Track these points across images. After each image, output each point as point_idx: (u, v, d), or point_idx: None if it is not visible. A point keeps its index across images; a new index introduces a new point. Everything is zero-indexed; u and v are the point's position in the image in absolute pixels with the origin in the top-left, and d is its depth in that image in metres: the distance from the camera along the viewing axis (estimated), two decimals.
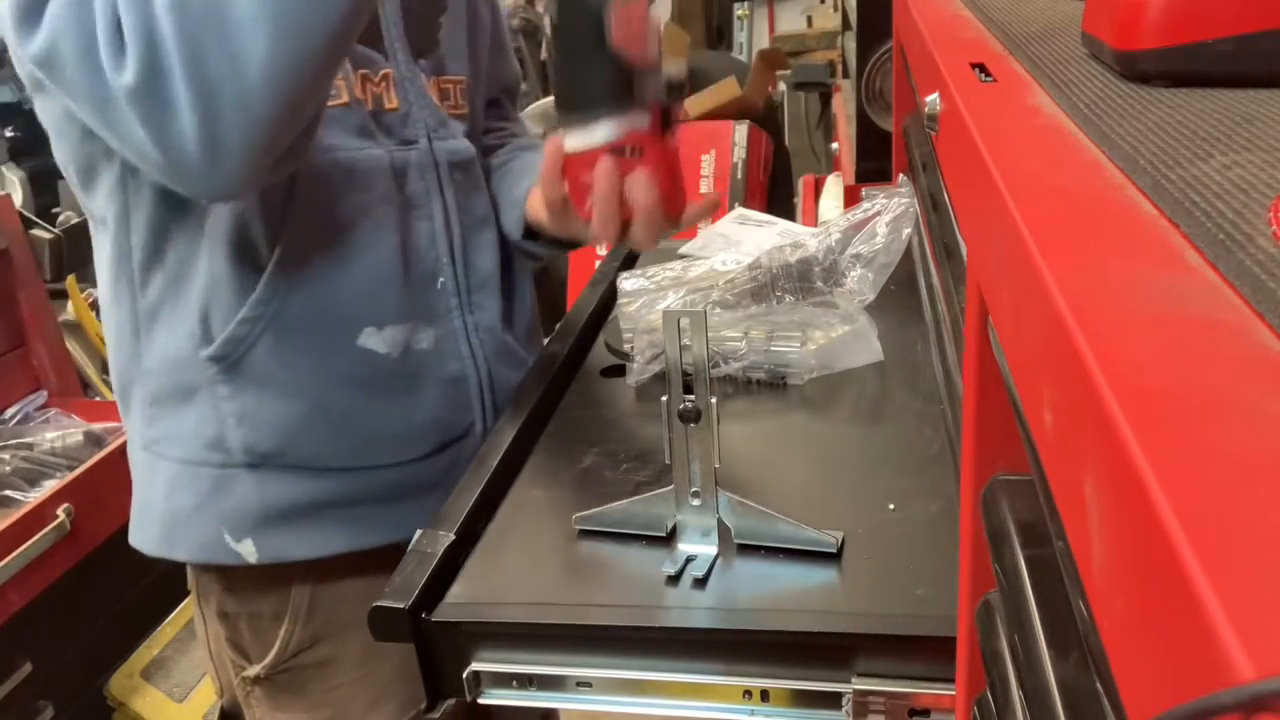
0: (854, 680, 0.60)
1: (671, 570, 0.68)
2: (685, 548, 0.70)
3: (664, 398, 0.67)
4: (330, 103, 0.83)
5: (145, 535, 0.92)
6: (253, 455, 0.87)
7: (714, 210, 0.91)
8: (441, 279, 0.93)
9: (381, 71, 0.89)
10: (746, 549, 0.70)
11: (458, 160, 0.95)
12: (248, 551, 0.88)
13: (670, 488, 0.70)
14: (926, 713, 0.59)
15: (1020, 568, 0.38)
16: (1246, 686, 0.15)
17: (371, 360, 0.88)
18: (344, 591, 0.92)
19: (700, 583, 0.67)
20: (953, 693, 0.56)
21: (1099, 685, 0.30)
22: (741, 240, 1.25)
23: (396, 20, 0.91)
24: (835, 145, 2.11)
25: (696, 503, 0.69)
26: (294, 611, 0.92)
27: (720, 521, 0.70)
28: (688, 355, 0.66)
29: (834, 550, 0.67)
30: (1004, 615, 0.41)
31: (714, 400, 0.67)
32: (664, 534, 0.71)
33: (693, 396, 0.67)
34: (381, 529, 0.91)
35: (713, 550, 0.69)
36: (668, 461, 0.69)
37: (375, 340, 0.88)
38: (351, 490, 0.90)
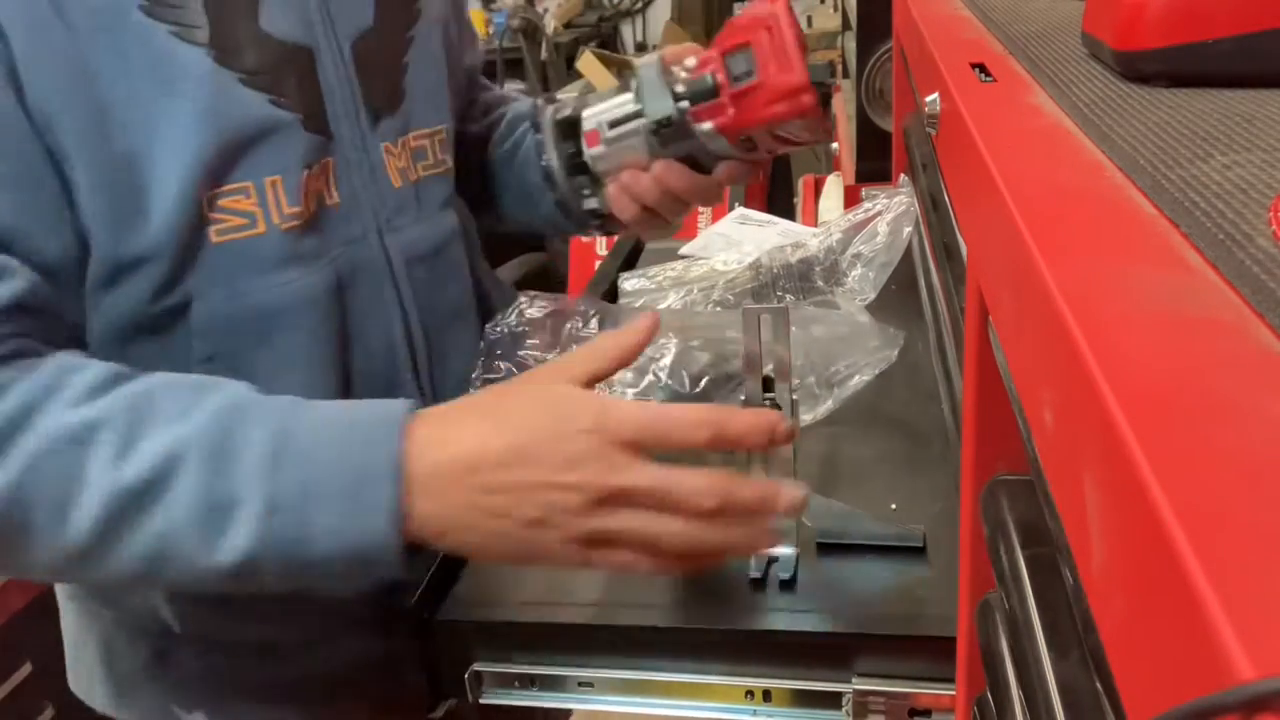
0: (854, 680, 0.60)
1: (756, 573, 0.66)
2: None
3: (741, 396, 0.66)
4: (239, 234, 0.66)
5: (91, 691, 0.82)
6: (189, 629, 0.74)
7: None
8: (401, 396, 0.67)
9: (320, 162, 0.70)
10: (825, 548, 0.68)
11: (416, 254, 0.77)
12: None
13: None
14: (927, 713, 0.59)
15: (1020, 568, 0.38)
16: (1246, 686, 0.15)
17: None
18: None
19: (788, 585, 0.65)
20: (953, 693, 0.56)
21: (1099, 685, 0.30)
22: (742, 240, 1.25)
23: (345, 83, 0.72)
24: (835, 145, 2.11)
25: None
26: None
27: (800, 521, 0.67)
28: (769, 353, 0.64)
29: (919, 545, 0.66)
30: (1004, 615, 0.41)
31: (795, 399, 0.66)
32: None
33: (773, 394, 0.65)
34: (354, 692, 0.79)
35: (793, 551, 0.67)
36: (744, 462, 0.66)
37: None
38: (312, 666, 0.77)
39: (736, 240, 1.26)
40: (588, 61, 2.93)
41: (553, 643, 0.66)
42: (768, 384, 0.65)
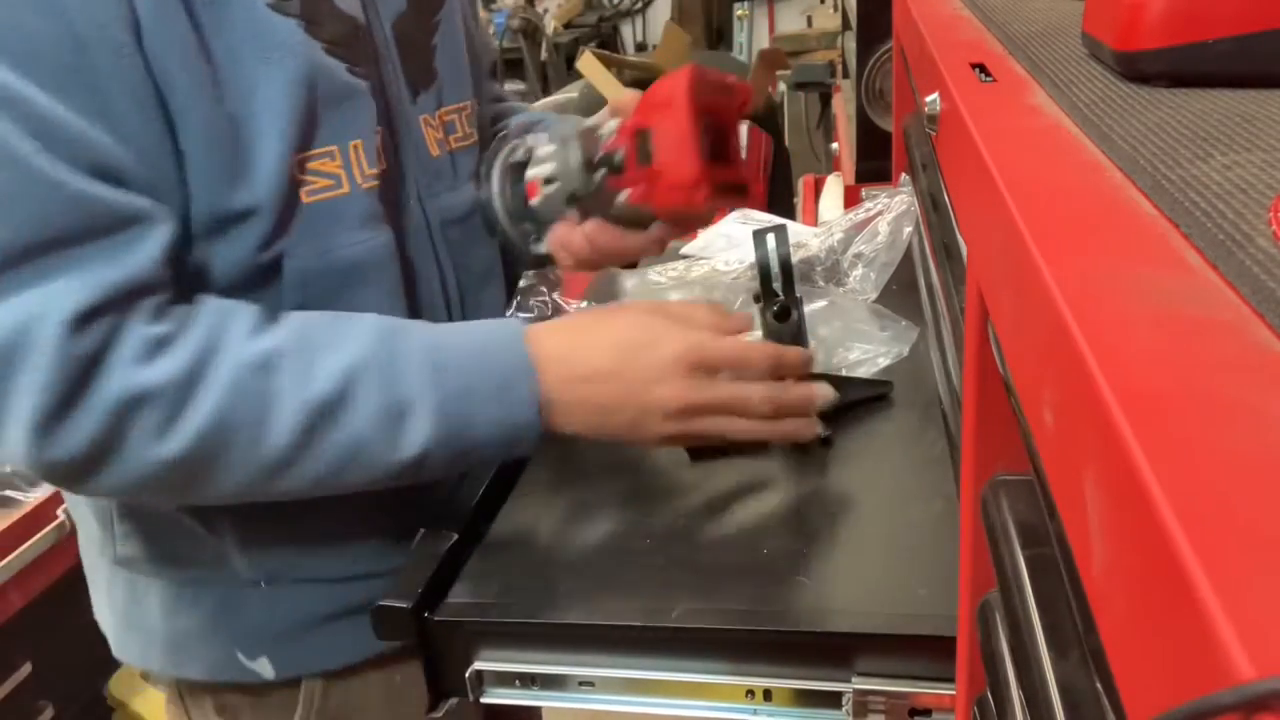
0: (854, 680, 0.60)
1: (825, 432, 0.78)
2: None
3: (758, 305, 0.79)
4: (327, 194, 0.72)
5: (146, 655, 0.85)
6: (260, 574, 0.79)
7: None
8: None
9: (379, 129, 0.77)
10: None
11: (452, 218, 0.84)
12: (264, 669, 0.81)
13: None
14: (927, 713, 0.59)
15: (1020, 568, 0.38)
16: (1246, 686, 0.15)
17: None
18: (361, 690, 0.84)
19: (825, 442, 0.79)
20: (953, 693, 0.56)
21: (1099, 685, 0.30)
22: (743, 240, 1.25)
23: (390, 56, 0.78)
24: (835, 145, 2.11)
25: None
26: (305, 709, 0.84)
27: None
28: (774, 264, 0.79)
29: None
30: (1004, 615, 0.41)
31: (800, 296, 0.80)
32: None
33: (782, 297, 0.80)
34: None
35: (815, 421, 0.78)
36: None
37: None
38: (372, 595, 0.81)
39: (738, 240, 1.26)
40: (588, 61, 2.93)
41: (554, 642, 0.66)
42: (783, 314, 0.79)
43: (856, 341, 0.90)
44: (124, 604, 0.84)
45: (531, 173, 0.82)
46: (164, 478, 0.64)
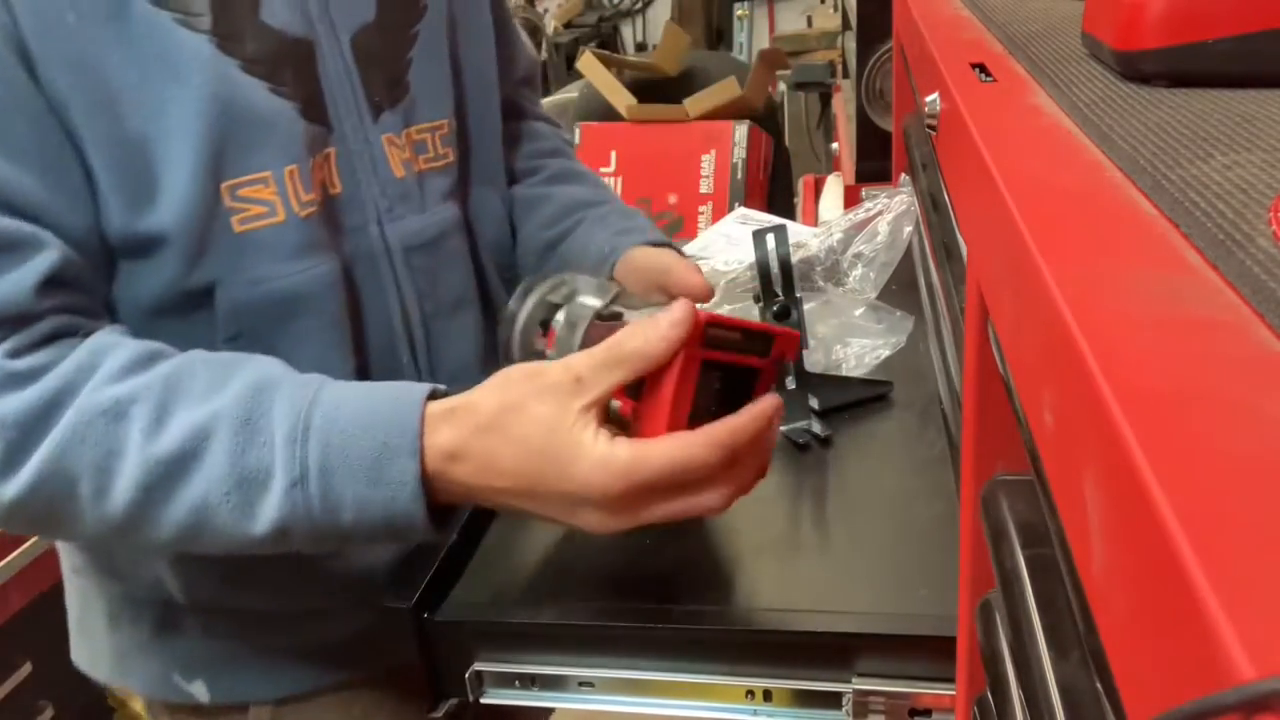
0: (854, 680, 0.60)
1: (802, 439, 0.80)
2: (784, 429, 0.81)
3: (758, 304, 0.80)
4: (260, 223, 0.68)
5: (95, 663, 0.84)
6: (193, 599, 0.76)
7: None
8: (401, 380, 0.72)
9: (324, 152, 0.72)
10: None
11: (417, 243, 0.77)
12: (199, 692, 0.79)
13: None
14: (927, 713, 0.59)
15: (1020, 568, 0.38)
16: (1246, 686, 0.15)
17: None
18: (316, 718, 0.82)
19: (825, 441, 0.80)
20: (953, 693, 0.56)
21: (1099, 685, 0.30)
22: (743, 240, 1.25)
23: (345, 76, 0.73)
24: (835, 145, 2.11)
25: (791, 386, 0.82)
26: None
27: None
28: (774, 264, 0.79)
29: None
30: (1004, 615, 0.41)
31: (800, 296, 0.81)
32: None
33: (789, 319, 0.81)
34: (354, 663, 0.80)
35: (813, 421, 0.81)
36: None
37: None
38: (313, 636, 0.79)
39: (737, 240, 1.26)
40: (588, 61, 2.93)
41: (554, 642, 0.66)
42: (783, 314, 0.80)
43: (853, 337, 0.91)
44: (78, 610, 0.84)
45: (559, 323, 0.72)
46: (14, 516, 0.61)
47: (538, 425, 0.57)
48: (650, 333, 0.57)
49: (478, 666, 0.66)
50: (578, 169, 0.99)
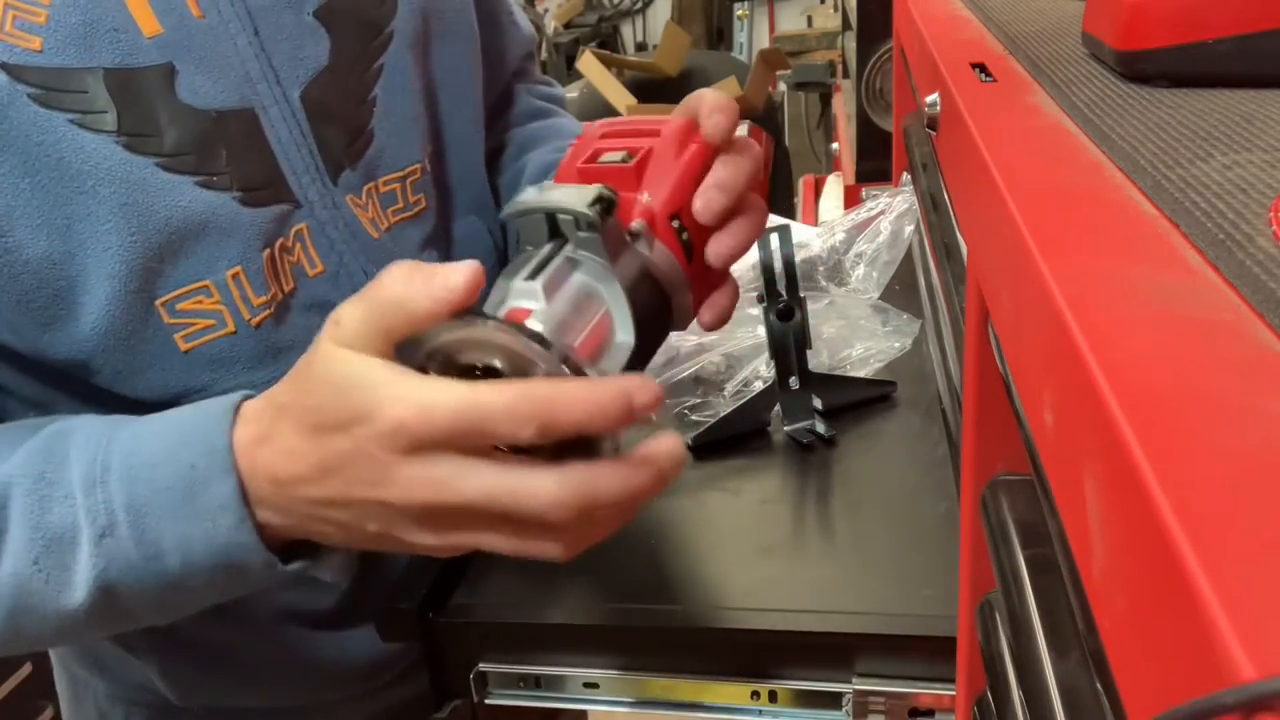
0: (854, 680, 0.60)
1: (806, 440, 0.80)
2: (788, 429, 0.82)
3: (763, 305, 0.80)
4: (208, 337, 0.60)
5: None
6: (188, 702, 0.71)
7: None
8: None
9: (293, 229, 0.62)
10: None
11: None
12: None
13: (757, 392, 0.82)
14: (927, 713, 0.59)
15: (1020, 568, 0.38)
16: (1246, 686, 0.15)
17: (311, 583, 0.58)
18: None
19: (829, 441, 0.80)
20: (953, 693, 0.56)
21: (1099, 685, 0.30)
22: None
23: (296, 137, 0.62)
24: (835, 145, 2.11)
25: (795, 385, 0.82)
26: None
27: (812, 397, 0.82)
28: (778, 264, 0.79)
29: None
30: (1004, 615, 0.41)
31: (804, 297, 0.81)
32: (768, 425, 0.83)
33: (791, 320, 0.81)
34: None
35: (817, 421, 0.81)
36: (770, 358, 0.82)
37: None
38: None
39: None
40: (588, 61, 2.93)
41: (558, 643, 0.66)
42: (787, 314, 0.80)
43: (859, 339, 0.91)
44: (69, 704, 0.80)
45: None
46: None
47: (318, 378, 0.46)
48: (415, 285, 0.45)
49: (482, 667, 0.66)
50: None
